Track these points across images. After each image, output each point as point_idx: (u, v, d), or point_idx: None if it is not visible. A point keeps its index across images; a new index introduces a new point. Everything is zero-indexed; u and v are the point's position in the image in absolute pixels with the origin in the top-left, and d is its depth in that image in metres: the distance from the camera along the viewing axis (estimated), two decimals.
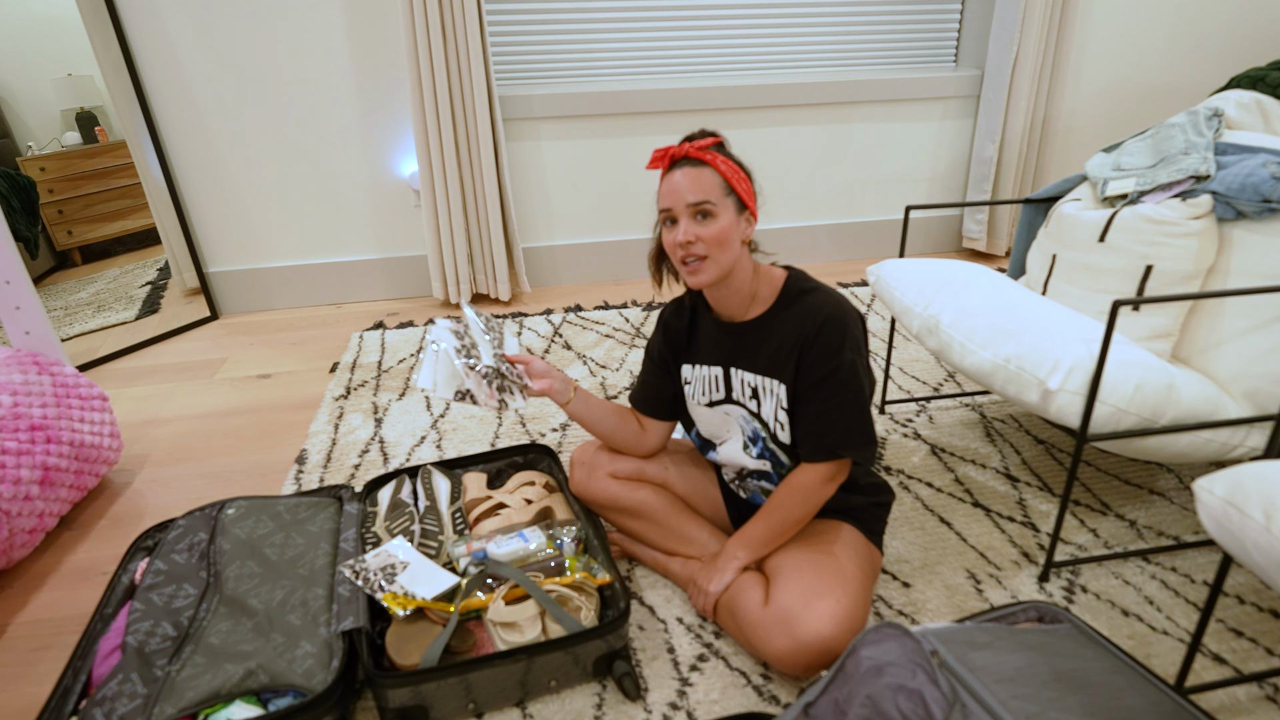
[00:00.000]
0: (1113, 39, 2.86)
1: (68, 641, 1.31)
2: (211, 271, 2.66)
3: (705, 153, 1.09)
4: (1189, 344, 1.39)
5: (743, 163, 1.14)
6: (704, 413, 1.28)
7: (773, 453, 1.21)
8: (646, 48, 2.72)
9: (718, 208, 1.08)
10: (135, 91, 2.34)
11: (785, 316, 1.15)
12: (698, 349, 1.27)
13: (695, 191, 1.08)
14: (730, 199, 1.10)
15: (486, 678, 1.08)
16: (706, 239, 1.08)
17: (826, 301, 1.12)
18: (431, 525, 1.36)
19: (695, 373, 1.27)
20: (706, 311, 1.25)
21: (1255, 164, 1.33)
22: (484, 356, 1.26)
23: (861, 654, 0.87)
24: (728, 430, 1.26)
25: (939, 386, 2.05)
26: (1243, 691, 1.12)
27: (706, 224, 1.08)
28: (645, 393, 1.36)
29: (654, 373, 1.34)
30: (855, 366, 1.11)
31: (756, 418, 1.20)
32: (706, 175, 1.08)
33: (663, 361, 1.32)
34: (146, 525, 1.58)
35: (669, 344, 1.31)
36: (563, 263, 2.89)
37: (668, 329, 1.31)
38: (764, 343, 1.17)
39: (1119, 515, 1.51)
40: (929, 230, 3.14)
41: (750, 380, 1.19)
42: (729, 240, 1.10)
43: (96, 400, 1.68)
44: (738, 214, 1.11)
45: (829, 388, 1.11)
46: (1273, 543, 0.76)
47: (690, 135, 1.14)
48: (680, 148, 1.11)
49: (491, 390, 1.25)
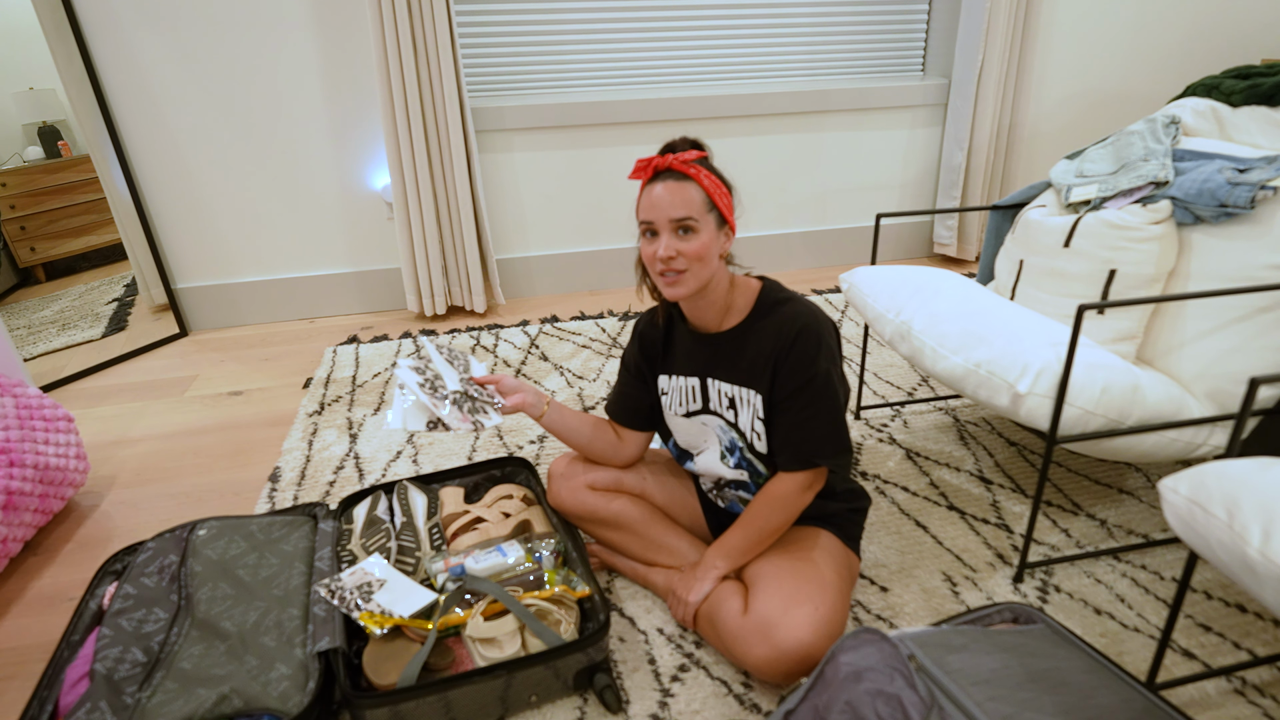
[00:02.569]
0: (1074, 49, 2.93)
1: (33, 670, 1.27)
2: (180, 287, 2.62)
3: (689, 166, 1.08)
4: (1153, 346, 1.43)
5: (724, 176, 1.13)
6: (681, 423, 1.28)
7: (750, 462, 1.22)
8: (618, 59, 2.74)
9: (699, 224, 1.08)
10: (99, 105, 2.30)
11: (761, 327, 1.16)
12: (674, 360, 1.27)
13: (678, 207, 1.07)
14: (712, 214, 1.10)
15: (466, 695, 1.07)
16: (687, 254, 1.08)
17: (801, 312, 1.13)
18: (408, 541, 1.35)
19: (672, 383, 1.27)
20: (682, 322, 1.25)
21: (1211, 170, 1.37)
22: (449, 383, 1.26)
23: (840, 660, 0.88)
24: (705, 440, 1.26)
25: (913, 391, 2.07)
26: (1212, 686, 1.15)
27: (688, 239, 1.08)
28: (622, 403, 1.36)
29: (630, 383, 1.33)
30: (830, 376, 1.12)
31: (734, 428, 1.21)
32: (690, 190, 1.08)
33: (639, 372, 1.32)
34: (115, 548, 1.55)
35: (645, 355, 1.31)
36: (538, 274, 2.89)
37: (644, 340, 1.31)
38: (740, 353, 1.17)
39: (1090, 515, 1.54)
40: (900, 237, 3.18)
41: (727, 390, 1.20)
42: (708, 256, 1.10)
43: (61, 421, 1.64)
44: (718, 229, 1.11)
45: (805, 397, 1.12)
46: (1235, 540, 0.78)
47: (672, 143, 1.12)
48: (664, 159, 1.09)
49: (464, 414, 1.25)
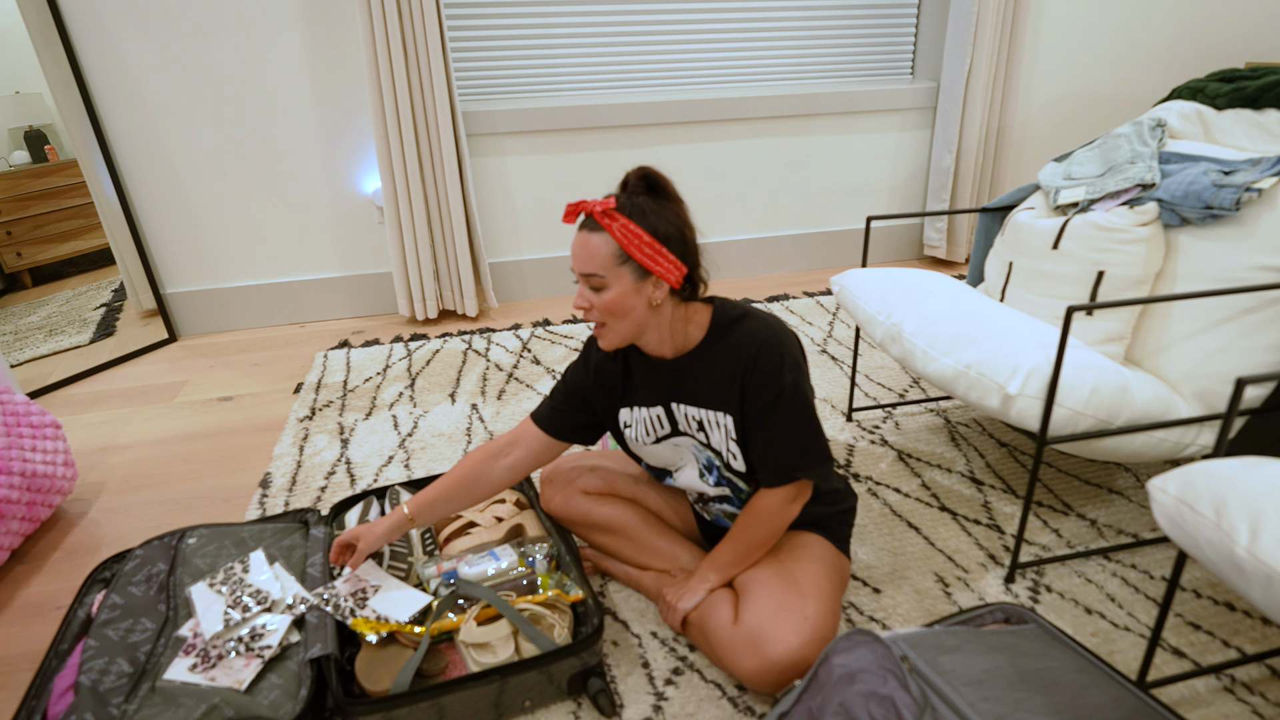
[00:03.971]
0: (1061, 52, 2.96)
1: (21, 680, 1.26)
2: (169, 292, 2.60)
3: (605, 216, 1.02)
4: (1141, 347, 1.44)
5: (653, 222, 1.03)
6: (652, 449, 1.24)
7: (730, 480, 1.19)
8: (609, 63, 2.74)
9: (608, 279, 1.04)
10: (86, 109, 2.29)
11: (719, 349, 1.12)
12: (634, 392, 1.21)
13: (583, 261, 1.04)
14: (626, 267, 1.04)
15: (460, 701, 1.06)
16: (599, 307, 1.06)
17: (758, 328, 1.09)
18: (400, 547, 1.34)
19: (634, 415, 1.22)
20: (637, 353, 1.20)
21: (1197, 172, 1.38)
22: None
23: (834, 662, 0.88)
24: (680, 459, 1.23)
25: (904, 393, 2.08)
26: (1201, 684, 1.15)
27: (599, 294, 1.06)
28: (558, 419, 1.24)
29: (573, 405, 1.24)
30: (799, 387, 1.09)
31: (708, 448, 1.18)
32: (598, 243, 1.03)
33: (584, 400, 1.24)
34: (103, 556, 1.53)
35: (602, 388, 1.23)
36: (530, 277, 2.89)
37: (599, 375, 1.23)
38: (701, 376, 1.14)
39: (1080, 515, 1.55)
40: (890, 239, 3.20)
41: (694, 414, 1.16)
42: (623, 309, 1.06)
43: (49, 428, 1.63)
44: (638, 279, 1.05)
45: (776, 413, 1.09)
46: (1223, 539, 0.79)
47: (626, 176, 1.07)
48: (584, 205, 1.04)
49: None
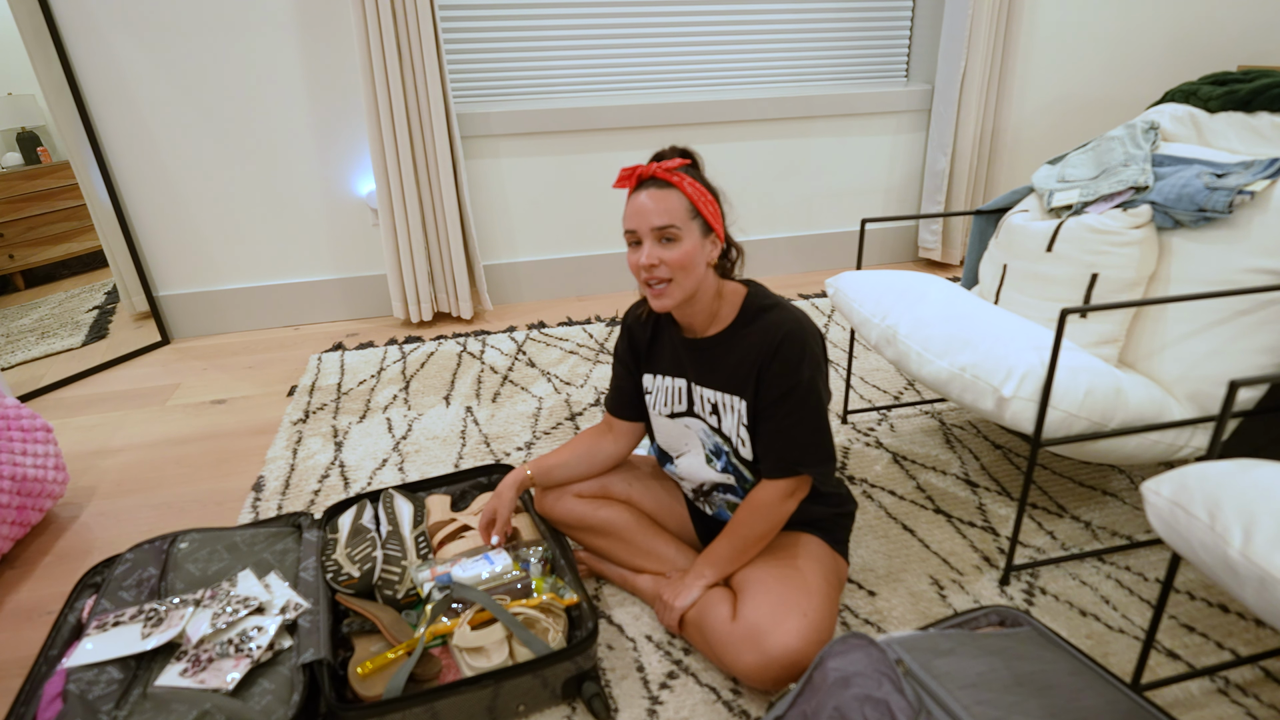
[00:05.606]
0: (1055, 55, 2.97)
1: (10, 686, 1.25)
2: (162, 295, 2.59)
3: (672, 174, 1.08)
4: (1134, 349, 1.44)
5: (711, 184, 1.13)
6: (664, 423, 1.28)
7: (736, 468, 1.21)
8: (604, 65, 2.74)
9: (682, 231, 1.07)
10: (78, 111, 2.28)
11: (745, 334, 1.15)
12: (659, 359, 1.27)
13: (660, 215, 1.07)
14: (695, 222, 1.09)
15: (453, 705, 1.06)
16: (670, 263, 1.08)
17: (785, 319, 1.12)
18: (394, 550, 1.33)
19: (657, 383, 1.28)
20: (670, 325, 1.25)
21: (1190, 175, 1.39)
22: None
23: (829, 665, 0.88)
24: (686, 443, 1.26)
25: (899, 395, 2.08)
26: (1195, 686, 1.16)
27: (670, 248, 1.08)
28: (619, 397, 1.35)
29: (624, 376, 1.34)
30: (814, 384, 1.12)
31: (718, 433, 1.21)
32: (672, 198, 1.07)
33: (627, 366, 1.33)
34: (95, 560, 1.52)
35: (632, 350, 1.31)
36: (525, 279, 2.88)
37: (631, 336, 1.31)
38: (724, 360, 1.17)
39: (1074, 517, 1.55)
40: (885, 241, 3.20)
41: (710, 396, 1.20)
42: (692, 264, 1.09)
43: (40, 432, 1.62)
44: (703, 237, 1.10)
45: (788, 404, 1.11)
46: (1216, 541, 0.79)
47: (660, 153, 1.13)
48: (648, 168, 1.09)
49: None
